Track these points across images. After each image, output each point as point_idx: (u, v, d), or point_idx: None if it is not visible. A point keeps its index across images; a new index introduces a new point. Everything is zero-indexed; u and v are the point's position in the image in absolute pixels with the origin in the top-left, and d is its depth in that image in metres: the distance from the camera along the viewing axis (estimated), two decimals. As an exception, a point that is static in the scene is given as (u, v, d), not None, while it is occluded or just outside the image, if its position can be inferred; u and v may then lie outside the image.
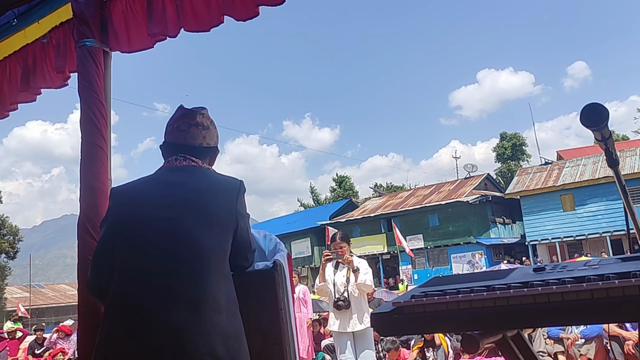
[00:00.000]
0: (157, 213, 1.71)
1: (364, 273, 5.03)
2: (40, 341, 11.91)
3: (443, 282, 1.48)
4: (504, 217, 32.74)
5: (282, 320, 2.07)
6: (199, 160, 1.88)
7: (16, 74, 2.92)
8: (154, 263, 1.65)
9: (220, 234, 1.74)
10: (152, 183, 1.83)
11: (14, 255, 36.20)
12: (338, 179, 54.30)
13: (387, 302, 1.31)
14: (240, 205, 1.83)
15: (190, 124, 1.89)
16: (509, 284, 1.28)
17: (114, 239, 1.74)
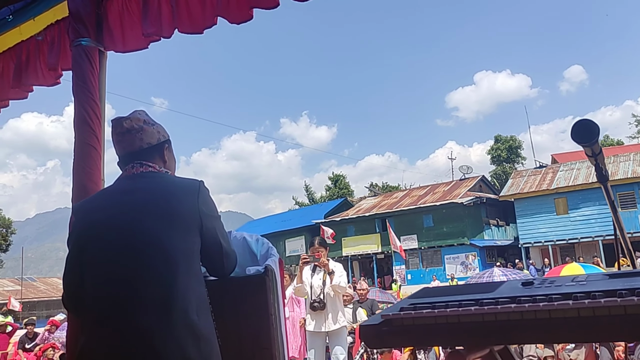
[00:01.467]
0: (118, 220, 1.71)
1: (338, 275, 5.35)
2: (31, 335, 11.87)
3: (432, 294, 1.48)
4: (498, 219, 32.85)
5: (272, 326, 2.07)
6: (154, 165, 1.88)
7: (9, 70, 2.91)
8: (120, 269, 1.65)
9: (185, 233, 1.72)
10: (111, 193, 1.84)
11: (7, 248, 36.10)
12: (334, 177, 54.29)
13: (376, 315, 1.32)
14: (204, 205, 1.80)
15: (122, 133, 1.88)
16: (497, 299, 1.29)
17: (79, 255, 1.75)
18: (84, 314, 1.71)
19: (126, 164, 1.88)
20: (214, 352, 1.68)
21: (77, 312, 1.79)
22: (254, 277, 2.09)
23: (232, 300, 2.12)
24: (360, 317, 8.37)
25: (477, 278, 7.57)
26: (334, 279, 5.33)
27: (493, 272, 7.38)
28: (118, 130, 1.89)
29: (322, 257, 5.35)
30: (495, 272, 7.34)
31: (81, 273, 1.72)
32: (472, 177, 36.55)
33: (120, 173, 1.90)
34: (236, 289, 2.11)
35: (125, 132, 1.87)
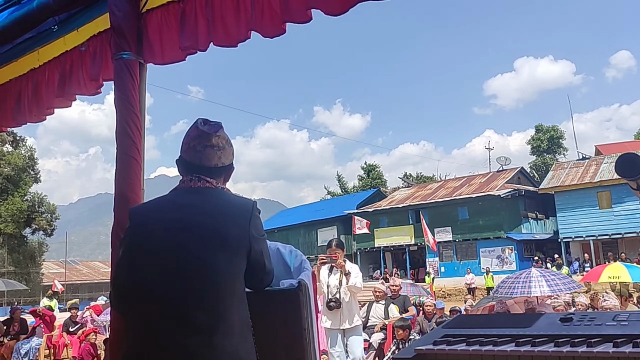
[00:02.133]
0: (170, 237, 1.75)
1: (354, 277, 5.52)
2: (75, 319, 12.30)
3: (466, 324, 1.47)
4: (537, 212, 32.17)
5: (305, 340, 2.09)
6: (213, 181, 1.90)
7: (54, 79, 2.99)
8: (168, 288, 1.70)
9: (233, 257, 1.76)
10: (167, 205, 1.87)
11: (52, 232, 37.31)
12: (367, 167, 54.02)
13: (409, 347, 1.31)
14: (254, 228, 1.84)
15: (206, 145, 1.89)
16: (534, 337, 1.27)
17: (131, 260, 1.80)
18: (129, 317, 1.77)
19: (189, 173, 1.90)
20: None
21: (123, 314, 1.84)
22: (288, 292, 2.11)
23: (266, 311, 2.15)
24: (392, 314, 8.36)
25: (514, 278, 7.42)
26: (350, 279, 5.52)
27: (531, 274, 7.22)
28: (203, 142, 1.89)
29: (339, 259, 5.54)
30: (533, 274, 7.18)
31: (129, 278, 1.78)
32: (510, 168, 35.83)
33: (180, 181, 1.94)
34: (270, 301, 2.14)
35: (209, 146, 1.89)
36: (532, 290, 6.88)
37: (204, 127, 1.92)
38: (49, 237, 37.76)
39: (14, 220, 33.45)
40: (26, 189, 35.19)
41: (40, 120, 3.26)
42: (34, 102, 3.13)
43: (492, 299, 8.16)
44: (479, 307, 8.09)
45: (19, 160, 34.83)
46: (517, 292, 6.98)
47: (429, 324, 7.97)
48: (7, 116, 3.29)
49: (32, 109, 3.15)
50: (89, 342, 10.40)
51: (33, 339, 11.40)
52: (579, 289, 8.29)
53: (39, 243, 37.30)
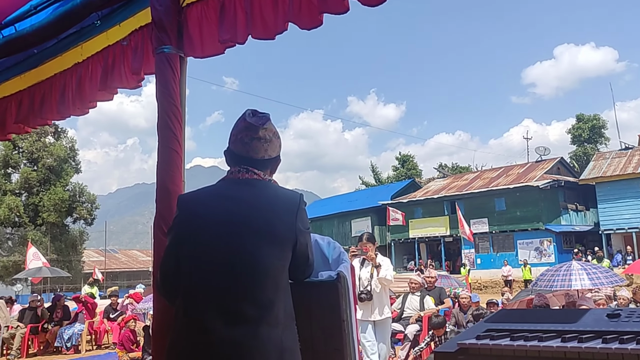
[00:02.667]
0: (220, 229, 1.78)
1: (385, 269, 5.66)
2: (115, 306, 12.66)
3: (509, 318, 1.45)
4: (577, 203, 31.41)
5: (344, 331, 2.10)
6: (261, 173, 1.92)
7: (97, 73, 3.06)
8: (216, 278, 1.73)
9: (280, 250, 1.79)
10: (217, 196, 1.89)
11: (92, 221, 38.35)
12: (401, 157, 53.62)
13: (452, 341, 1.31)
14: (300, 221, 1.86)
15: (253, 138, 1.91)
16: (580, 333, 1.24)
17: (179, 250, 1.83)
18: (177, 305, 1.80)
19: (238, 164, 1.93)
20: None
21: (170, 301, 1.88)
22: (327, 283, 2.13)
23: (306, 303, 2.17)
24: (427, 305, 8.32)
25: (554, 271, 7.27)
26: (380, 272, 5.65)
27: (571, 266, 7.05)
28: (250, 134, 1.91)
29: (370, 252, 5.71)
30: (574, 267, 7.01)
31: (177, 267, 1.82)
32: (549, 158, 35.04)
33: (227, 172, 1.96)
34: (309, 292, 2.15)
35: (256, 139, 1.91)
36: (572, 283, 6.74)
37: (252, 120, 1.93)
38: (89, 226, 38.83)
39: (57, 210, 34.53)
40: (67, 179, 36.23)
41: (83, 114, 3.34)
42: (78, 96, 3.20)
43: (531, 291, 8.02)
44: (517, 300, 7.96)
45: (61, 151, 35.84)
46: (557, 285, 6.84)
47: (464, 316, 7.90)
48: (52, 109, 3.38)
49: (75, 103, 3.22)
50: (128, 329, 10.69)
51: (76, 325, 11.79)
52: (621, 283, 8.07)
53: (80, 232, 38.40)
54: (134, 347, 10.52)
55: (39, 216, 34.74)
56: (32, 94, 3.54)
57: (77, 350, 11.42)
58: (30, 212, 34.93)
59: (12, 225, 34.81)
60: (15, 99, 3.66)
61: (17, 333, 11.13)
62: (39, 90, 3.49)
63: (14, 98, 3.66)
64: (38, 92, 3.50)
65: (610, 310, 1.38)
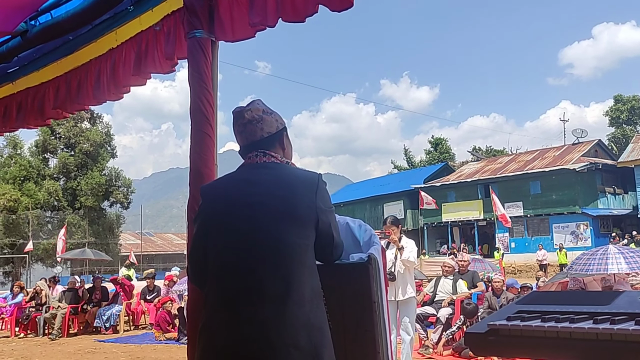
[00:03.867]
0: (242, 212, 1.83)
1: (409, 251, 5.86)
2: (152, 287, 12.98)
3: (540, 300, 1.44)
4: (615, 186, 30.61)
5: (375, 312, 2.12)
6: (277, 155, 1.98)
7: (130, 58, 3.11)
8: (241, 260, 1.78)
9: (302, 229, 1.82)
10: (237, 181, 1.94)
11: (128, 205, 39.21)
12: (434, 141, 53.01)
13: (482, 322, 1.31)
14: (321, 200, 1.89)
15: (244, 124, 1.98)
16: (613, 314, 1.23)
17: (205, 238, 1.90)
18: (207, 290, 1.87)
19: (248, 152, 1.99)
20: (325, 339, 1.77)
21: (201, 287, 1.95)
22: (358, 265, 2.14)
23: (337, 284, 2.19)
24: (460, 289, 8.27)
25: (590, 255, 7.11)
26: (403, 254, 5.84)
27: (608, 250, 6.89)
28: (240, 122, 2.00)
29: (393, 235, 5.93)
30: (611, 250, 6.84)
31: (205, 254, 1.89)
32: (586, 141, 34.15)
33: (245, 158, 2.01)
34: (341, 274, 2.17)
35: (247, 123, 1.98)
36: (609, 267, 6.59)
37: (235, 110, 2.02)
38: (125, 209, 39.70)
39: (94, 194, 35.41)
40: (104, 164, 37.05)
41: (117, 99, 3.41)
42: (112, 81, 3.26)
43: (566, 275, 7.88)
44: (552, 282, 7.84)
45: (97, 136, 36.62)
46: (593, 269, 6.70)
47: (497, 300, 7.83)
48: (89, 95, 3.45)
49: (110, 88, 3.29)
50: (164, 310, 10.96)
51: (114, 306, 12.15)
52: (660, 268, 7.84)
53: (117, 215, 39.31)
54: (169, 328, 10.81)
55: (77, 200, 35.70)
56: (69, 80, 3.62)
57: (115, 330, 11.78)
58: (69, 196, 35.93)
59: (52, 209, 35.88)
60: (52, 85, 3.76)
61: (58, 313, 11.53)
62: (75, 76, 3.57)
63: (52, 84, 3.76)
64: (74, 77, 3.58)
65: (646, 292, 1.35)
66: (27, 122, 4.04)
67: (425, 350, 7.63)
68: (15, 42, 3.49)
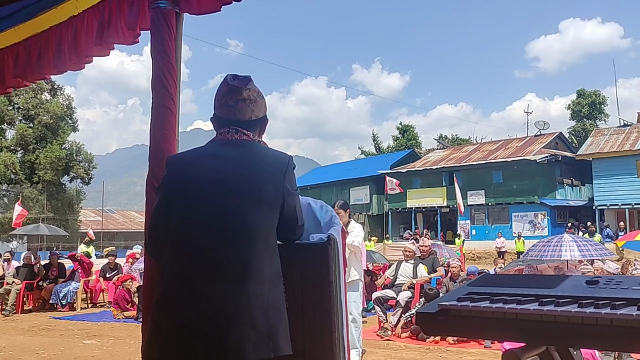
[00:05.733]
0: (208, 187, 1.80)
1: (354, 235, 5.86)
2: (112, 265, 12.77)
3: (491, 282, 1.48)
4: (573, 178, 31.54)
5: (333, 293, 2.14)
6: (250, 133, 1.94)
7: (92, 27, 3.00)
8: (204, 236, 1.75)
9: (267, 210, 1.81)
10: (205, 155, 1.90)
11: (89, 181, 38.34)
12: (402, 127, 53.43)
13: (433, 303, 1.34)
14: (288, 182, 1.88)
15: (238, 100, 1.92)
16: (558, 297, 1.27)
17: (167, 208, 1.85)
18: (164, 262, 1.83)
19: (224, 126, 1.94)
20: (282, 320, 1.78)
21: (157, 259, 1.91)
22: (318, 245, 2.15)
23: (297, 264, 2.20)
24: (420, 273, 8.43)
25: (545, 242, 7.36)
26: (347, 238, 5.79)
27: (562, 238, 7.13)
28: (235, 97, 1.92)
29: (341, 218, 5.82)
30: (565, 239, 7.09)
31: (165, 224, 1.84)
32: (548, 133, 35.00)
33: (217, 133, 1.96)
34: (300, 254, 2.18)
35: (241, 100, 1.92)
36: (562, 254, 6.82)
37: (234, 82, 1.93)
38: (86, 185, 38.83)
39: (53, 168, 34.47)
40: (65, 137, 36.04)
41: (79, 69, 3.30)
42: (73, 50, 3.15)
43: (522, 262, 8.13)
44: (509, 269, 8.07)
45: (57, 108, 35.53)
46: (547, 255, 6.93)
47: (455, 285, 8.02)
48: (49, 64, 3.33)
49: (71, 57, 3.18)
50: (124, 288, 10.83)
51: (71, 283, 11.93)
52: (610, 257, 8.17)
53: (77, 191, 38.43)
54: (128, 306, 10.69)
55: (35, 174, 34.71)
56: (29, 47, 3.48)
57: (72, 308, 11.59)
58: (27, 169, 34.88)
59: (8, 182, 34.81)
60: (11, 51, 3.61)
61: (12, 289, 11.26)
62: (35, 44, 3.44)
63: (10, 51, 3.61)
64: (34, 45, 3.44)
65: (590, 277, 1.40)
66: (-14, 90, 3.87)
67: (384, 332, 7.77)
68: (-31, 5, 3.34)
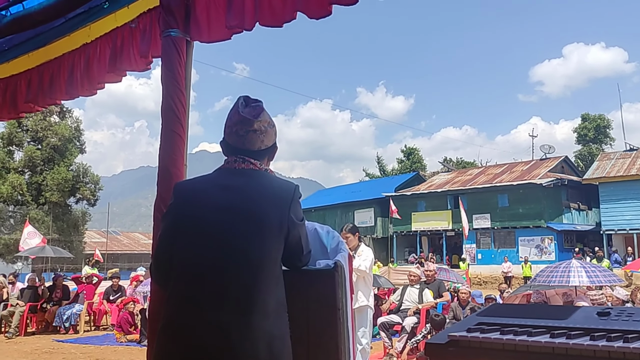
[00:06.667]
0: (214, 217, 1.81)
1: (362, 259, 5.75)
2: (116, 288, 12.72)
3: (501, 312, 1.47)
4: (580, 202, 31.38)
5: (339, 320, 2.12)
6: (257, 162, 1.94)
7: (105, 55, 3.07)
8: (209, 265, 1.76)
9: (272, 240, 1.81)
10: (212, 184, 1.91)
11: (94, 202, 38.40)
12: (407, 150, 53.53)
13: (443, 333, 1.33)
14: (294, 213, 1.88)
15: (248, 130, 1.92)
16: (570, 329, 1.26)
17: (173, 235, 1.86)
18: (169, 290, 1.83)
19: (233, 154, 1.95)
20: (286, 349, 1.77)
21: (163, 286, 1.91)
22: (324, 272, 2.14)
23: (302, 290, 2.19)
24: (426, 298, 8.36)
25: (553, 268, 7.28)
26: (354, 262, 5.70)
27: (571, 264, 7.06)
28: (246, 127, 1.92)
29: (349, 243, 5.76)
30: (573, 264, 7.01)
31: (171, 252, 1.85)
32: (553, 157, 34.96)
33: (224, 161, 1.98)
34: (306, 280, 2.17)
35: (251, 131, 1.92)
36: (570, 280, 6.75)
37: (246, 112, 1.94)
38: (92, 207, 38.86)
39: (59, 189, 34.58)
40: (72, 159, 36.24)
41: (91, 94, 3.35)
42: (86, 77, 3.21)
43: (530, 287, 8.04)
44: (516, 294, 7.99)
45: (66, 131, 35.81)
46: (555, 281, 6.86)
47: (462, 311, 7.94)
48: (61, 89, 3.39)
49: (84, 83, 3.23)
50: (127, 311, 10.77)
51: (75, 305, 11.87)
52: (619, 283, 8.08)
53: (82, 212, 38.46)
54: (131, 330, 10.62)
55: (41, 195, 34.83)
56: (41, 73, 3.55)
57: (75, 331, 11.51)
58: (33, 190, 35.02)
59: (15, 203, 34.91)
60: (24, 77, 3.68)
61: (16, 311, 11.21)
62: (47, 70, 3.51)
63: (23, 77, 3.68)
64: (47, 71, 3.51)
65: (601, 308, 1.39)
66: (0, 114, 3.94)
67: (390, 358, 7.67)
68: (-16, 31, 3.40)
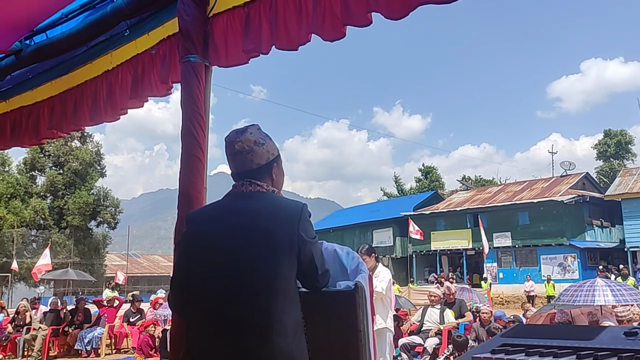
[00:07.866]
0: (225, 242, 1.84)
1: (379, 280, 5.58)
2: (136, 310, 12.79)
3: (525, 333, 1.45)
4: (602, 219, 30.84)
5: (361, 342, 2.11)
6: (263, 184, 1.98)
7: (127, 81, 3.14)
8: (224, 290, 1.79)
9: (283, 260, 1.83)
10: (222, 210, 1.96)
11: (115, 225, 38.86)
12: (425, 169, 53.32)
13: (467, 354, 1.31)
14: (304, 231, 1.89)
15: (234, 154, 1.99)
16: (596, 350, 1.24)
17: (188, 264, 1.91)
18: (189, 317, 1.87)
19: (238, 179, 2.01)
20: None
21: (182, 315, 1.95)
22: (345, 293, 2.13)
23: (322, 312, 2.18)
24: (447, 319, 8.25)
25: (577, 287, 7.14)
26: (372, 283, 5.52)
27: (595, 283, 6.91)
28: (229, 151, 2.01)
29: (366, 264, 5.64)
30: (598, 283, 6.86)
31: (188, 281, 1.88)
32: (574, 173, 34.51)
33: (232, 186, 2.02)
34: (327, 302, 2.16)
35: (236, 153, 1.99)
36: (595, 299, 6.61)
37: (228, 137, 2.03)
38: (112, 230, 39.34)
39: (81, 213, 35.10)
40: (93, 183, 36.82)
41: (114, 120, 3.41)
42: (109, 103, 3.28)
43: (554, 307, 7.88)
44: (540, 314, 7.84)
45: (87, 155, 36.46)
46: (580, 300, 6.72)
47: (484, 330, 7.80)
48: (85, 116, 3.47)
49: (107, 110, 3.31)
50: (147, 334, 10.80)
51: (96, 328, 11.94)
52: (646, 302, 7.87)
53: (103, 236, 38.93)
54: (152, 352, 10.63)
55: (63, 219, 35.36)
56: (64, 100, 3.63)
57: (96, 354, 11.55)
58: (55, 215, 35.57)
59: (37, 227, 35.47)
60: (47, 104, 3.76)
61: (38, 335, 11.30)
62: (70, 97, 3.59)
63: (46, 104, 3.77)
64: (70, 98, 3.59)
65: (628, 328, 1.36)
66: (21, 141, 4.04)
67: (412, 380, 7.56)
68: (9, 60, 3.51)
